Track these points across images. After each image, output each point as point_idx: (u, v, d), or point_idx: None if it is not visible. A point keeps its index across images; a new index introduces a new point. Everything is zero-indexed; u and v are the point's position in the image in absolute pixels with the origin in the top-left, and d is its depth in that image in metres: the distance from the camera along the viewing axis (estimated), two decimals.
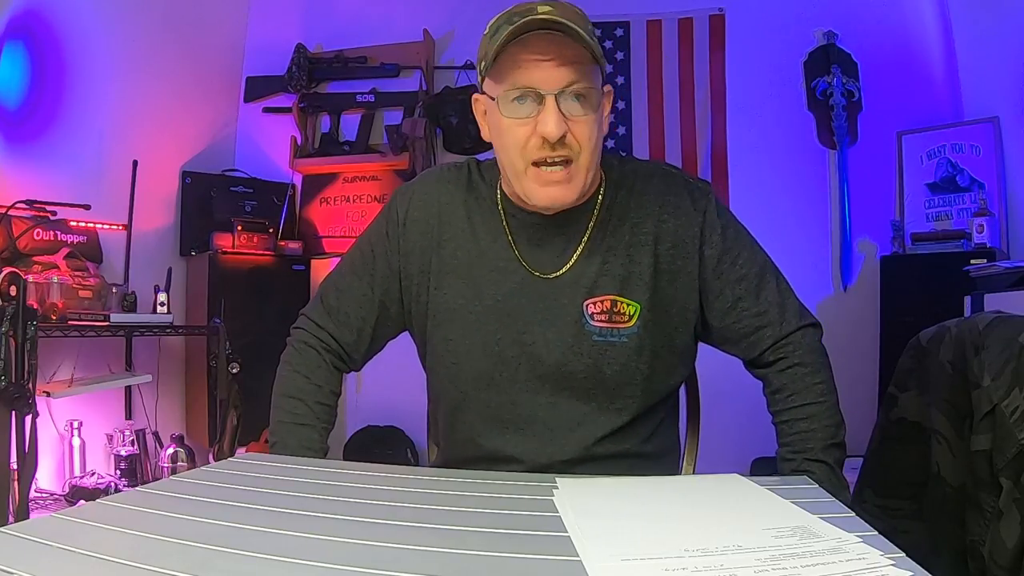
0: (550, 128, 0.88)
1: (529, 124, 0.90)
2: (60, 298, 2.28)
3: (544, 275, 1.00)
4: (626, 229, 1.01)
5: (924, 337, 1.28)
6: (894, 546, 0.57)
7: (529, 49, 0.88)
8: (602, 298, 0.99)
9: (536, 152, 0.91)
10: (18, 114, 2.46)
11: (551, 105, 0.88)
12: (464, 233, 1.04)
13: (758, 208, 3.10)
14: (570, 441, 1.00)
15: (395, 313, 1.09)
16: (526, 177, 0.94)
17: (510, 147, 0.93)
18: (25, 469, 1.82)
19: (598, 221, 1.01)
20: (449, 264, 1.03)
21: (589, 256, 1.00)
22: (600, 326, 0.99)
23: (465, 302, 1.02)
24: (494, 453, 1.03)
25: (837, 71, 3.01)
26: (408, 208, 1.06)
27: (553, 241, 1.01)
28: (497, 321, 1.00)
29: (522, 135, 0.91)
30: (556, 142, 0.89)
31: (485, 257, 1.02)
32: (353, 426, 3.31)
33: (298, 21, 3.49)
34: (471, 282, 1.02)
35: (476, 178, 1.07)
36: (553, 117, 0.88)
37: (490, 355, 1.01)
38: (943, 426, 1.17)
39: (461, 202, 1.05)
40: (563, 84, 0.89)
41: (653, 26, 3.19)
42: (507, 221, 1.03)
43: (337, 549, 0.59)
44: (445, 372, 1.05)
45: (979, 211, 2.58)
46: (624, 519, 0.68)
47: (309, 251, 3.32)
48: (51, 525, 0.64)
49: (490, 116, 0.97)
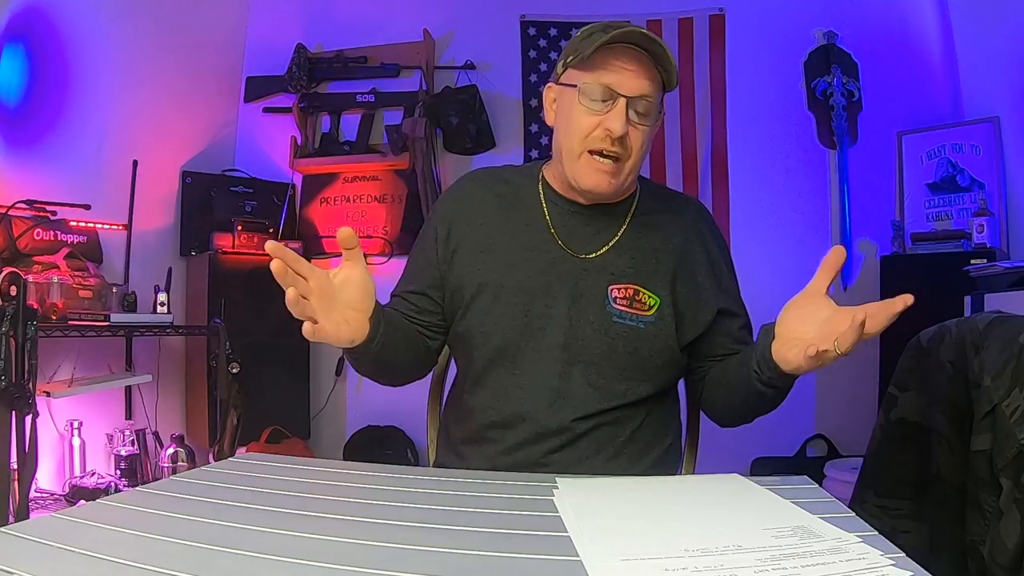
0: (617, 125, 1.01)
1: (598, 117, 1.03)
2: (60, 298, 2.28)
3: (576, 255, 1.11)
4: (658, 237, 1.13)
5: (924, 337, 1.28)
6: (894, 546, 0.57)
7: (619, 56, 1.02)
8: (626, 285, 1.09)
9: (597, 143, 1.04)
10: (18, 114, 2.46)
11: (622, 106, 1.01)
12: (498, 219, 1.15)
13: (758, 208, 3.11)
14: (578, 409, 1.07)
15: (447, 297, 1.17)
16: (579, 161, 1.06)
17: (575, 131, 1.05)
18: (25, 469, 1.82)
19: (632, 222, 1.14)
20: (483, 244, 1.14)
21: (619, 250, 1.11)
22: (621, 309, 1.08)
23: (499, 276, 1.11)
24: (506, 417, 1.09)
25: (837, 71, 3.01)
26: (444, 205, 1.20)
27: (586, 229, 1.13)
28: (528, 295, 1.09)
29: (588, 124, 1.03)
30: (616, 138, 1.02)
31: (519, 238, 1.13)
32: (353, 426, 3.31)
33: (298, 21, 3.49)
34: (505, 261, 1.12)
35: (512, 174, 1.21)
36: (622, 117, 1.01)
37: (518, 326, 1.09)
38: (943, 426, 1.17)
39: (494, 194, 1.18)
40: (637, 93, 1.02)
41: (653, 26, 3.19)
42: (547, 207, 1.15)
43: (337, 549, 0.59)
44: (476, 342, 1.13)
45: (979, 211, 2.58)
46: (624, 519, 0.68)
47: (309, 251, 3.32)
48: (51, 525, 0.64)
49: (562, 102, 1.09)
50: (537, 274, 1.10)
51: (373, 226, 3.37)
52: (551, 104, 1.13)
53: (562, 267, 1.10)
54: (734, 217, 3.11)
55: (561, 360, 1.08)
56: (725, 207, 3.12)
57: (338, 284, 0.90)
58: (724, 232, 3.27)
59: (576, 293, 1.09)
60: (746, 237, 3.07)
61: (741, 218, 3.11)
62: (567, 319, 1.08)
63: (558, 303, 1.09)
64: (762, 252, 3.05)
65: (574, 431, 1.07)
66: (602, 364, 1.08)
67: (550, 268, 1.10)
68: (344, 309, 0.91)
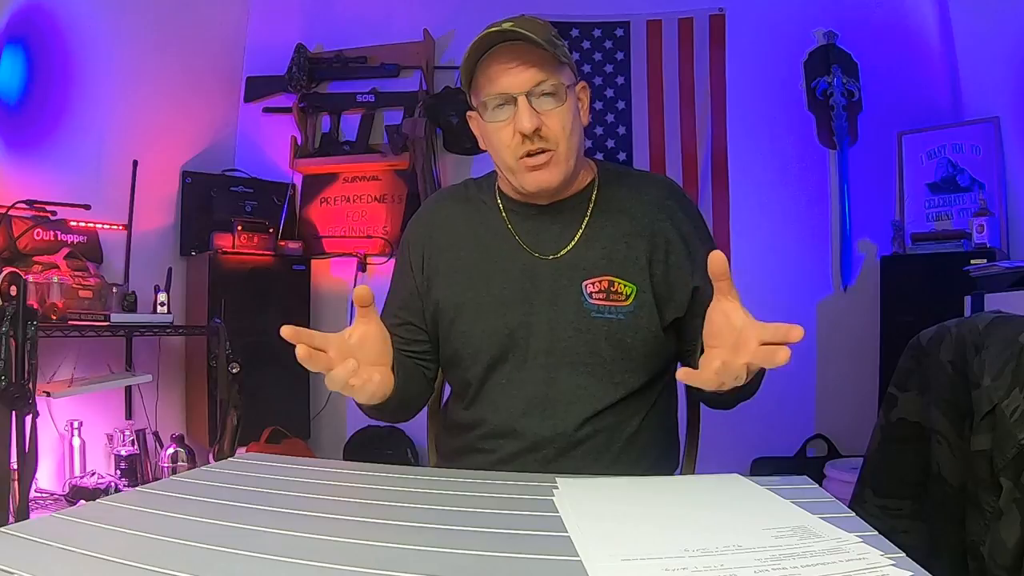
0: (524, 124, 0.99)
1: (509, 125, 1.02)
2: (60, 298, 2.28)
3: (545, 257, 1.10)
4: (625, 220, 1.11)
5: (924, 337, 1.28)
6: (894, 546, 0.57)
7: (497, 60, 1.00)
8: (600, 278, 1.08)
9: (520, 148, 1.02)
10: (18, 114, 2.46)
11: (523, 104, 1.00)
12: (465, 237, 1.15)
13: (758, 208, 3.11)
14: (570, 414, 1.06)
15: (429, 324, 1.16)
16: (517, 170, 1.05)
17: (499, 148, 1.05)
18: (25, 469, 1.82)
19: (595, 211, 1.12)
20: (454, 266, 1.13)
21: (588, 242, 1.10)
22: (598, 303, 1.07)
23: (474, 295, 1.10)
24: (501, 429, 1.08)
25: (837, 71, 3.01)
26: (414, 231, 1.20)
27: (551, 228, 1.11)
28: (505, 307, 1.09)
29: (506, 136, 1.03)
30: (532, 135, 1.00)
31: (489, 253, 1.12)
32: (353, 426, 3.31)
33: (298, 21, 3.49)
34: (478, 277, 1.11)
35: (473, 190, 1.20)
36: (525, 114, 0.99)
37: (501, 339, 1.08)
38: (943, 426, 1.17)
39: (459, 212, 1.18)
40: (531, 85, 1.00)
41: (653, 26, 3.19)
42: (507, 216, 1.14)
43: (337, 549, 0.59)
44: (465, 363, 1.12)
45: (979, 211, 2.58)
46: (624, 519, 0.68)
47: (309, 251, 3.32)
48: (51, 525, 0.64)
49: (480, 126, 1.09)
50: (512, 285, 1.09)
51: (373, 226, 3.37)
52: (478, 131, 1.11)
53: (534, 272, 1.09)
54: (734, 217, 3.11)
55: (546, 366, 1.07)
56: (725, 207, 3.12)
57: (356, 343, 0.89)
58: (724, 232, 3.27)
59: (553, 296, 1.08)
60: (746, 237, 3.07)
61: (741, 218, 3.11)
62: (547, 324, 1.07)
63: (536, 310, 1.08)
64: (762, 252, 3.05)
65: (569, 439, 1.06)
66: (588, 363, 1.07)
67: (523, 276, 1.09)
68: (366, 367, 0.89)
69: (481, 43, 0.99)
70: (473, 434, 1.12)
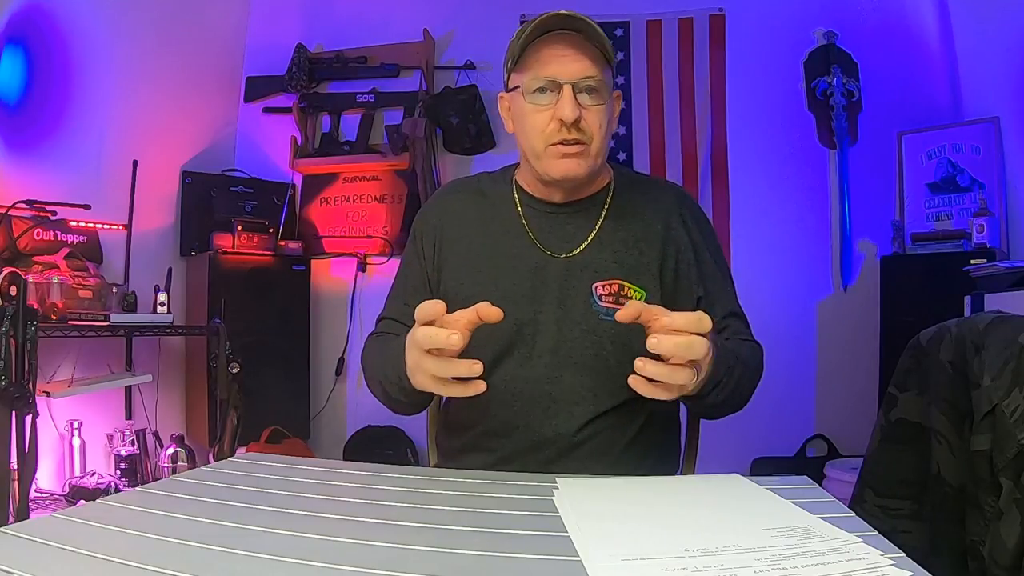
0: (567, 112, 0.99)
1: (549, 111, 1.01)
2: (60, 298, 2.28)
3: (557, 256, 1.10)
4: (638, 225, 1.12)
5: (924, 337, 1.28)
6: (894, 546, 0.57)
7: (550, 46, 1.00)
8: (610, 281, 1.08)
9: (555, 135, 1.02)
10: (18, 114, 2.46)
11: (568, 93, 0.99)
12: (477, 229, 1.14)
13: (758, 208, 3.11)
14: (573, 415, 1.06)
15: None
16: (545, 156, 1.05)
17: (531, 131, 1.04)
18: (25, 469, 1.82)
19: (609, 214, 1.12)
20: (464, 257, 1.13)
21: (601, 244, 1.10)
22: (607, 306, 1.07)
23: (482, 288, 1.09)
24: (503, 427, 1.08)
25: (837, 71, 3.01)
26: (425, 221, 1.19)
27: (565, 227, 1.11)
28: (514, 303, 1.07)
29: (541, 120, 1.02)
30: (571, 125, 1.00)
31: (500, 247, 1.12)
32: (353, 426, 3.31)
33: (298, 21, 3.49)
34: (488, 270, 1.11)
35: (487, 183, 1.20)
36: (570, 103, 0.99)
37: (508, 334, 1.07)
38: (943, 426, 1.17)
39: (472, 204, 1.17)
40: (579, 76, 1.00)
41: (653, 26, 3.19)
42: (523, 211, 1.14)
43: (337, 549, 0.59)
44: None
45: (979, 211, 2.58)
46: (624, 519, 0.68)
47: (309, 251, 3.32)
48: (51, 525, 0.64)
49: (514, 107, 1.08)
50: (522, 281, 1.09)
51: (373, 226, 3.37)
52: (507, 113, 1.12)
53: (545, 270, 1.09)
54: (734, 217, 3.11)
55: (551, 365, 1.07)
56: (725, 207, 3.12)
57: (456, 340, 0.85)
58: (724, 232, 3.27)
59: (562, 295, 1.08)
60: (746, 237, 3.07)
61: (741, 218, 3.11)
62: (555, 323, 1.07)
63: (545, 308, 1.08)
64: (762, 252, 3.05)
65: (571, 440, 1.05)
66: (592, 364, 1.07)
67: (533, 274, 1.09)
68: None
69: (541, 24, 0.99)
70: (474, 432, 1.12)
